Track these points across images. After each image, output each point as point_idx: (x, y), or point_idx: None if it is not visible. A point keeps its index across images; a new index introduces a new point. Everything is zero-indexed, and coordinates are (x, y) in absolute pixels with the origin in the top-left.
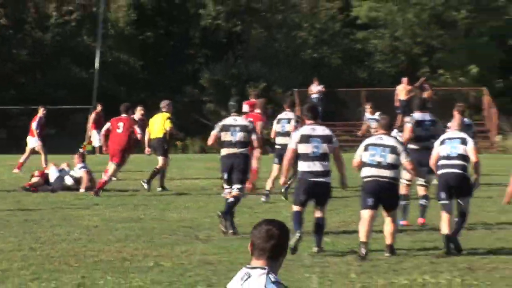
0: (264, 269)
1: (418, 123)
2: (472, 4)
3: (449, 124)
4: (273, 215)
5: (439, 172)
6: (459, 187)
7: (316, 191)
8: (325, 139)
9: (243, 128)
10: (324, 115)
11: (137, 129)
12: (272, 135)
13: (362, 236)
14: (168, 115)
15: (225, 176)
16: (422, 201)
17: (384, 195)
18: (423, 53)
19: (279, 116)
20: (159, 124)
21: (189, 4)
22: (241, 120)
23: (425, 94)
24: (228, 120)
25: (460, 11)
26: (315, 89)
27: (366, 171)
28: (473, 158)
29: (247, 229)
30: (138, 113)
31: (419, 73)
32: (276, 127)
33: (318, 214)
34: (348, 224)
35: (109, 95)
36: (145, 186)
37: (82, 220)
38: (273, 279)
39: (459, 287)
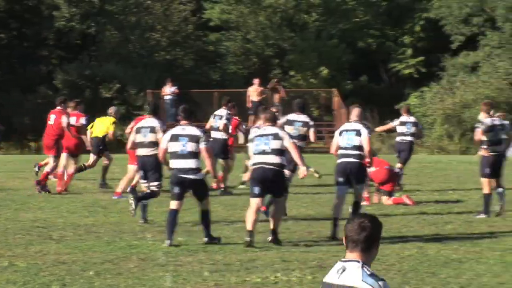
0: (359, 262)
1: (290, 122)
2: (322, 7)
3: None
4: (128, 215)
5: (338, 160)
6: (354, 174)
7: (190, 188)
8: (194, 138)
9: (152, 130)
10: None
11: (64, 120)
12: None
13: (248, 225)
14: (113, 119)
15: (141, 173)
16: None
17: (269, 182)
18: (275, 55)
19: (215, 112)
20: (103, 126)
21: (42, 7)
22: (151, 122)
23: (277, 95)
24: (141, 123)
25: (310, 14)
26: (169, 90)
27: (253, 160)
28: (366, 147)
29: (99, 229)
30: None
31: (271, 74)
32: (211, 121)
33: (201, 207)
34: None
35: None
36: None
37: None
38: (368, 272)
39: (310, 284)
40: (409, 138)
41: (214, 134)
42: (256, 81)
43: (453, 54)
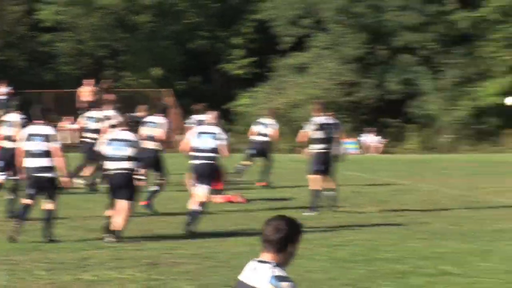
0: (270, 263)
1: (147, 124)
2: (155, 9)
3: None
4: None
5: (194, 161)
6: (206, 175)
7: (42, 186)
8: (47, 138)
9: (11, 124)
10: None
11: None
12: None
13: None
14: None
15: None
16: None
17: (120, 187)
18: (108, 56)
19: (86, 114)
20: None
21: None
22: (12, 117)
23: (110, 96)
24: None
25: (143, 15)
26: (3, 91)
27: (108, 165)
28: (225, 153)
29: None
30: None
31: (104, 75)
32: (83, 123)
33: (47, 206)
34: (35, 223)
35: None
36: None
37: None
38: (276, 274)
39: (143, 282)
40: (265, 138)
41: (89, 135)
42: (88, 81)
43: (283, 55)
